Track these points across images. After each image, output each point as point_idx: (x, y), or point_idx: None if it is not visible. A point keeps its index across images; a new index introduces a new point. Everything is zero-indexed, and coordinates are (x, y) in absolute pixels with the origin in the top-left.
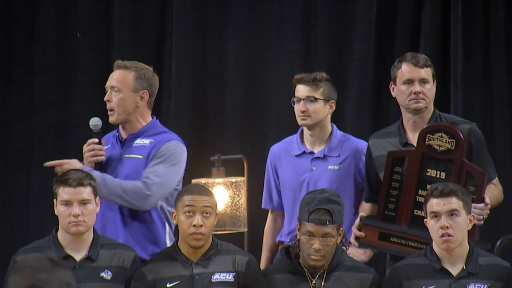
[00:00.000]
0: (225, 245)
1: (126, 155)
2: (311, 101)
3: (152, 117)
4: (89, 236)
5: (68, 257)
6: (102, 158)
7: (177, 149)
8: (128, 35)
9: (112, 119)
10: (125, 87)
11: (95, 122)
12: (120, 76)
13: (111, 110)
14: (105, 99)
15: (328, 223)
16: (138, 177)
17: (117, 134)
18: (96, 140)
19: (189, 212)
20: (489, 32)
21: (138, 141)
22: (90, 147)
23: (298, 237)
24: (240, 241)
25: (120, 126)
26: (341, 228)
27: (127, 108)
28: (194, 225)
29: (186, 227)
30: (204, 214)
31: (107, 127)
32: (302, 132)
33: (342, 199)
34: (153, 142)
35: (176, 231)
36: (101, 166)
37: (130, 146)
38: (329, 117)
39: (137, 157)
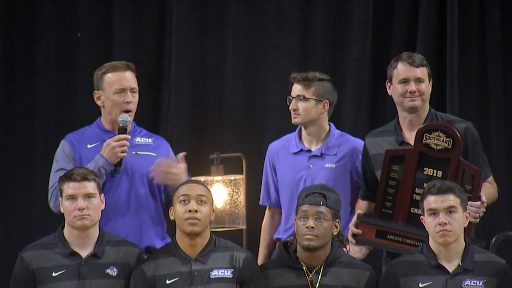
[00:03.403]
0: (223, 242)
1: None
2: (301, 99)
3: None
4: (95, 233)
5: (74, 254)
6: (125, 154)
7: None
8: (128, 35)
9: (131, 118)
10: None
11: (124, 118)
12: (134, 78)
13: (131, 110)
14: (127, 99)
15: (322, 204)
16: None
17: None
18: (128, 136)
19: (184, 201)
20: (485, 32)
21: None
22: (122, 142)
23: (295, 227)
24: (239, 238)
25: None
26: (337, 220)
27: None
28: (190, 211)
29: (182, 214)
30: (199, 202)
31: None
32: (300, 130)
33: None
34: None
35: (174, 228)
36: (120, 162)
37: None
38: (324, 116)
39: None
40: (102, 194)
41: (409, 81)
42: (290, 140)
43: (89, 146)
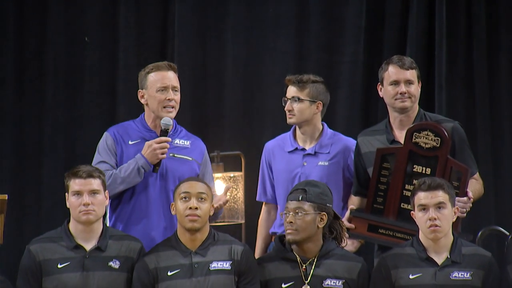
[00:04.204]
0: (221, 236)
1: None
2: (295, 101)
3: None
4: (99, 227)
5: (79, 247)
6: (165, 156)
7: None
8: (132, 39)
9: (173, 115)
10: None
11: (166, 121)
12: (176, 77)
13: (173, 107)
14: (169, 97)
15: (300, 199)
16: None
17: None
18: (169, 139)
19: (185, 198)
20: (471, 38)
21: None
22: (163, 145)
23: None
24: (238, 232)
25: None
26: (323, 213)
27: None
28: (190, 208)
29: (182, 210)
30: (199, 199)
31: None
32: (294, 130)
33: (332, 193)
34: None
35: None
36: (159, 163)
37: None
38: (318, 116)
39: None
40: (107, 191)
41: (399, 83)
42: (285, 139)
43: (130, 142)
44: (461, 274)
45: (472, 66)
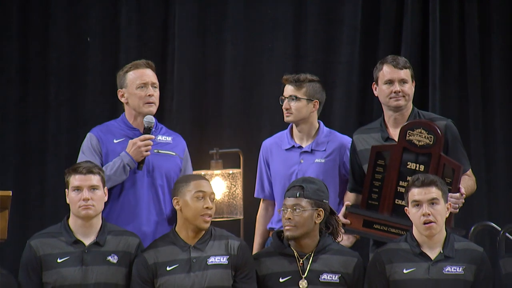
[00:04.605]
0: (218, 231)
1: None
2: (293, 99)
3: None
4: (98, 223)
5: (78, 242)
6: (149, 153)
7: None
8: (134, 40)
9: (154, 110)
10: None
11: (149, 119)
12: (154, 74)
13: (153, 103)
14: (149, 93)
15: (298, 196)
16: None
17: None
18: (153, 136)
19: (200, 197)
20: (464, 38)
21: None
22: (147, 142)
23: None
24: (237, 228)
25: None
26: (320, 209)
27: None
28: (207, 207)
29: (198, 209)
30: (211, 199)
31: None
32: (291, 128)
33: (328, 190)
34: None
35: (174, 218)
36: (143, 160)
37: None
38: (315, 114)
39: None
40: (106, 187)
41: (393, 82)
42: (282, 137)
43: (115, 141)
44: (454, 269)
45: (465, 66)
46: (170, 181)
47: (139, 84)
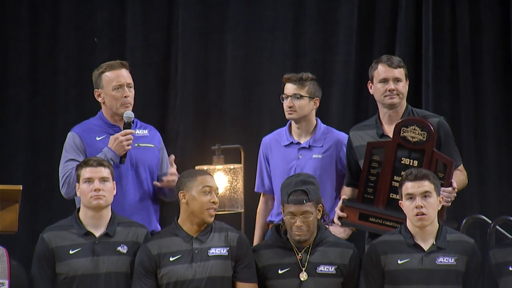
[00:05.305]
0: (218, 224)
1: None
2: (297, 98)
3: None
4: (107, 215)
5: (89, 234)
6: (130, 147)
7: None
8: (139, 40)
9: (130, 110)
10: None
11: (129, 114)
12: (129, 74)
13: (129, 103)
14: (125, 94)
15: (305, 202)
16: None
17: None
18: (133, 131)
19: (207, 192)
20: (456, 38)
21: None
22: (128, 136)
23: (285, 221)
24: (238, 220)
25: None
26: (320, 205)
27: None
28: (213, 202)
29: (204, 204)
30: (216, 194)
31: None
32: (290, 125)
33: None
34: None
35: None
36: (125, 154)
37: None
38: (313, 112)
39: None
40: (114, 182)
41: (388, 80)
42: (281, 134)
43: (98, 138)
44: (446, 259)
45: (457, 65)
46: (153, 173)
47: (115, 85)
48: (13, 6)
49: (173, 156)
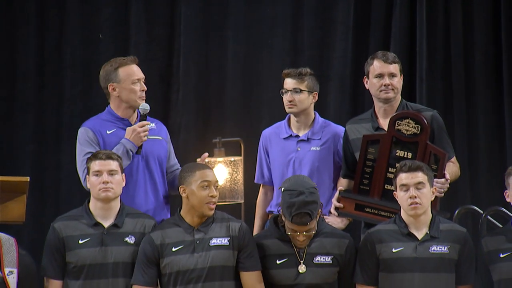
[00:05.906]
0: (219, 214)
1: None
2: (296, 92)
3: None
4: (116, 206)
5: (98, 224)
6: (147, 138)
7: None
8: (143, 36)
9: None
10: None
11: (145, 106)
12: (140, 69)
13: (144, 97)
14: (142, 88)
15: (308, 223)
16: None
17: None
18: (149, 122)
19: (206, 186)
20: (449, 34)
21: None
22: (145, 128)
23: (286, 229)
24: (238, 211)
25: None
26: (319, 209)
27: None
28: (212, 196)
29: (203, 197)
30: (215, 187)
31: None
32: (289, 118)
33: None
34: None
35: (168, 198)
36: (142, 145)
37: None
38: (312, 105)
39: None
40: (123, 174)
41: (383, 76)
42: (280, 127)
43: (108, 132)
44: (439, 248)
45: (450, 61)
46: (162, 164)
47: (134, 79)
48: (21, 3)
49: (206, 154)
